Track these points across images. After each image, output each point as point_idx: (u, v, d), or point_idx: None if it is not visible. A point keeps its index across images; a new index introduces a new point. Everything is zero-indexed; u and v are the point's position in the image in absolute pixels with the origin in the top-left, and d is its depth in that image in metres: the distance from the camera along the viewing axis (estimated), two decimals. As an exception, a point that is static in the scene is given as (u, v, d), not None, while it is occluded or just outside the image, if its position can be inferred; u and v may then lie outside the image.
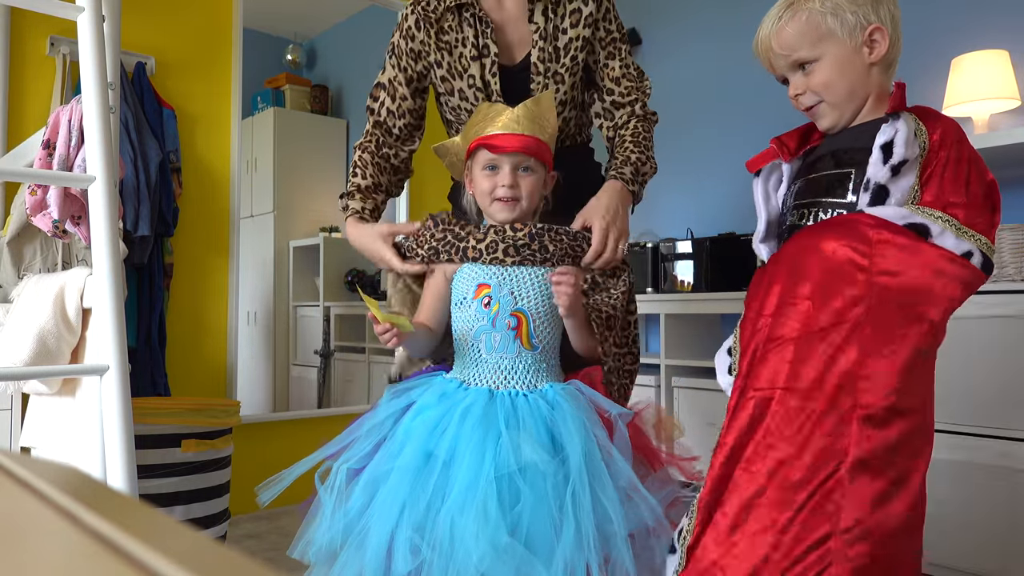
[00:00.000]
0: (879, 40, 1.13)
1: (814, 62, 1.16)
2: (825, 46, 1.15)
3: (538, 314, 1.31)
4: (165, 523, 0.28)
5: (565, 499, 1.11)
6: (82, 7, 1.33)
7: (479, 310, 1.31)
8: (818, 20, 1.14)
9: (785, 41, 1.18)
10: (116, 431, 1.27)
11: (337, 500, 1.22)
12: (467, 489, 1.11)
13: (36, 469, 0.35)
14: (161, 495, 1.94)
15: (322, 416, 3.15)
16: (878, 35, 1.13)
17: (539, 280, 1.32)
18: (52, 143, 1.69)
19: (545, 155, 1.34)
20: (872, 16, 1.13)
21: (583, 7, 1.50)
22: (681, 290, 2.93)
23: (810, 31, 1.15)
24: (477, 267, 1.34)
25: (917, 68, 2.64)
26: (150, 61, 2.59)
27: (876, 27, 1.12)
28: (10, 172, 1.85)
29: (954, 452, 2.10)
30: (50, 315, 1.62)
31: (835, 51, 1.14)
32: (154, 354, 2.46)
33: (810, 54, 1.16)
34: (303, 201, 3.94)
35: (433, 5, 1.51)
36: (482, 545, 1.05)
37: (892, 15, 1.14)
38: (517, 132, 1.30)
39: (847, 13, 1.13)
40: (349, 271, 3.91)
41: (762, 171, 1.29)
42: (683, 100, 3.35)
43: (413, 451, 1.19)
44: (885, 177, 1.08)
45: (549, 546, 1.08)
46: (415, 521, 1.12)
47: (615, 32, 1.55)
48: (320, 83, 3.97)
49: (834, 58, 1.15)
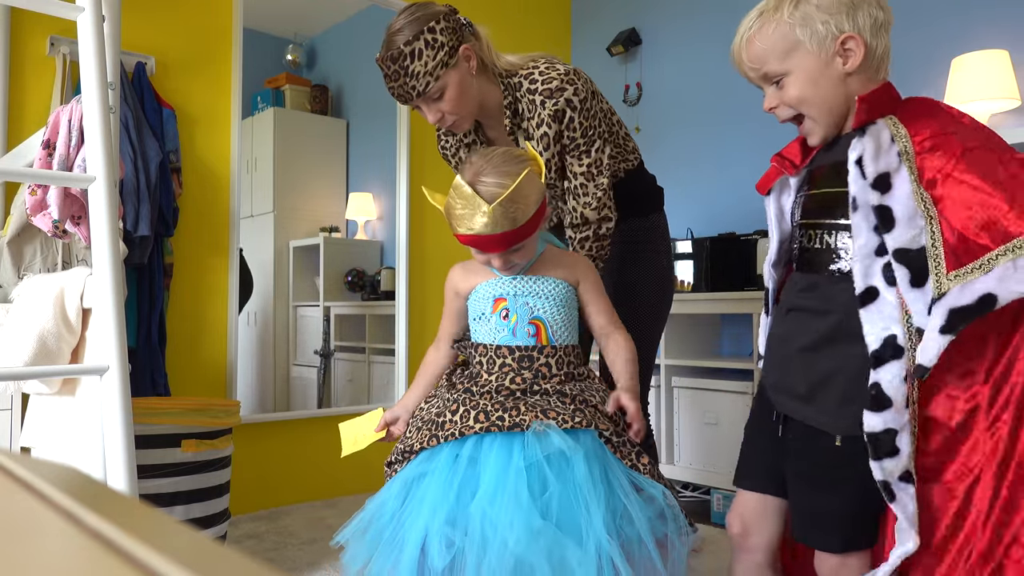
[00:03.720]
0: (853, 49, 1.07)
1: (785, 76, 1.10)
2: (795, 59, 1.09)
3: (555, 321, 1.36)
4: (165, 523, 0.28)
5: (596, 484, 1.16)
6: (82, 7, 1.33)
7: (499, 323, 1.36)
8: (786, 32, 1.08)
9: (754, 54, 1.12)
10: (116, 431, 1.27)
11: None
12: (496, 479, 1.16)
13: (36, 469, 0.35)
14: (161, 495, 1.94)
15: (322, 416, 3.15)
16: (852, 44, 1.06)
17: (552, 292, 1.36)
18: (52, 143, 1.69)
19: (529, 231, 1.31)
20: (845, 24, 1.06)
21: (548, 130, 1.59)
22: (681, 290, 2.92)
23: (778, 44, 1.09)
24: (491, 283, 1.38)
25: (917, 68, 2.64)
26: (150, 61, 2.59)
27: (848, 36, 1.06)
28: (10, 172, 1.85)
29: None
30: (50, 315, 1.62)
31: (805, 64, 1.08)
32: (154, 354, 2.46)
33: (779, 68, 1.10)
34: (303, 201, 3.94)
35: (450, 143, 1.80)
36: (517, 530, 1.09)
37: (873, 18, 1.07)
38: (496, 232, 1.27)
39: (817, 23, 1.06)
40: (349, 271, 3.91)
41: (772, 190, 1.26)
42: (683, 100, 3.35)
43: (445, 455, 1.25)
44: (875, 197, 1.03)
45: (579, 529, 1.12)
46: (447, 515, 1.16)
47: (578, 139, 1.61)
48: (320, 83, 3.97)
49: (804, 71, 1.09)
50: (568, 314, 1.37)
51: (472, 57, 1.57)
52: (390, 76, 1.53)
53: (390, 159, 3.44)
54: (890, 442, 1.01)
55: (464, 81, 1.56)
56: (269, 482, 2.82)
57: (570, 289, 1.39)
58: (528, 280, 1.37)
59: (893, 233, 1.01)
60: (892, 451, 1.01)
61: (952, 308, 0.95)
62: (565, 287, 1.38)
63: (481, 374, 1.36)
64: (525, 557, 1.08)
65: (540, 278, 1.37)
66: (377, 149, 3.76)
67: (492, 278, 1.39)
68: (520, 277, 1.37)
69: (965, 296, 0.94)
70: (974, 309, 0.94)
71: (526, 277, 1.37)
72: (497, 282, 1.37)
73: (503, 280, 1.37)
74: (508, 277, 1.37)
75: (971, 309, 0.94)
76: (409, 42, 1.49)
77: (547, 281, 1.36)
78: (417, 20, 1.50)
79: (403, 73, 1.50)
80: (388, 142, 3.45)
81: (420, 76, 1.50)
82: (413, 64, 1.50)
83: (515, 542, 1.08)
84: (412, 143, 3.36)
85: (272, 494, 2.83)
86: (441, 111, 1.57)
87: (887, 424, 1.01)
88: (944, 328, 0.96)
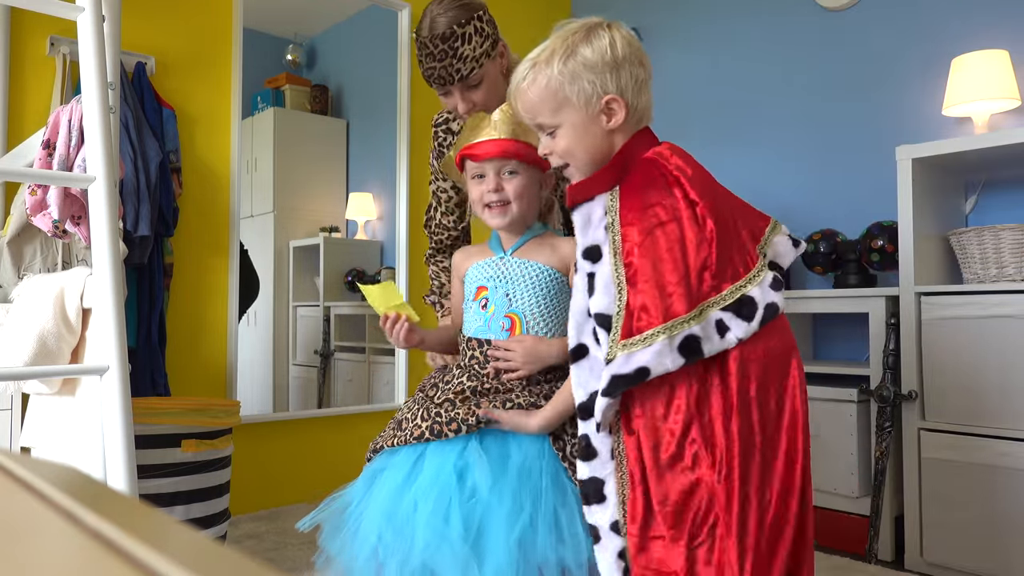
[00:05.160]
0: (616, 109, 1.11)
1: (556, 128, 1.14)
2: (564, 114, 1.12)
3: (532, 315, 1.31)
4: (165, 523, 0.28)
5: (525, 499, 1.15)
6: (82, 7, 1.33)
7: (477, 312, 1.34)
8: (556, 87, 1.11)
9: (527, 105, 1.15)
10: (116, 431, 1.27)
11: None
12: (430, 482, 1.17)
13: (36, 469, 0.35)
14: (161, 495, 1.94)
15: (322, 416, 3.15)
16: (615, 104, 1.10)
17: (534, 280, 1.32)
18: (52, 143, 1.69)
19: (530, 156, 1.31)
20: (610, 85, 1.10)
21: None
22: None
23: (549, 98, 1.12)
24: (480, 267, 1.36)
25: (917, 68, 2.64)
26: (150, 61, 2.59)
27: (612, 98, 1.10)
28: (10, 172, 1.85)
29: (954, 452, 2.10)
30: (50, 315, 1.62)
31: (573, 119, 1.12)
32: (154, 354, 2.46)
33: (551, 121, 1.14)
34: (303, 201, 3.94)
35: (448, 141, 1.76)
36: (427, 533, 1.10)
37: (635, 78, 1.12)
38: (495, 138, 1.30)
39: (584, 82, 1.10)
40: (349, 271, 3.91)
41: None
42: (683, 100, 3.35)
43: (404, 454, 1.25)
44: (587, 265, 1.10)
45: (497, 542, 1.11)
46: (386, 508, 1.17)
47: None
48: (320, 83, 3.97)
49: (572, 127, 1.12)
50: (549, 305, 1.31)
51: (505, 55, 1.60)
52: (436, 55, 1.50)
53: (390, 159, 3.44)
54: (598, 490, 1.08)
55: (498, 76, 1.58)
56: (269, 482, 2.82)
57: (556, 276, 1.32)
58: (512, 263, 1.33)
59: (594, 299, 1.07)
60: (600, 499, 1.08)
61: (614, 374, 1.01)
62: (550, 273, 1.32)
63: (452, 369, 1.36)
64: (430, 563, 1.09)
65: (526, 262, 1.33)
66: (377, 149, 3.76)
67: (484, 258, 1.37)
68: (506, 258, 1.34)
69: (627, 365, 1.00)
70: (632, 378, 1.00)
71: (512, 259, 1.34)
72: (485, 264, 1.35)
73: (489, 262, 1.35)
74: (492, 259, 1.35)
75: (629, 378, 1.00)
76: (462, 24, 1.49)
77: (532, 266, 1.32)
78: (465, 7, 1.51)
79: (451, 54, 1.49)
80: (388, 142, 3.45)
81: (468, 60, 1.50)
82: (463, 47, 1.49)
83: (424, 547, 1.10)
84: (412, 143, 3.36)
85: (272, 494, 2.83)
86: (473, 101, 1.55)
87: (594, 472, 1.09)
88: (605, 391, 1.02)
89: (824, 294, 2.55)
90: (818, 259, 2.68)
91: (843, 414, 2.36)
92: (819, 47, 2.91)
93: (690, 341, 0.99)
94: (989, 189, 2.49)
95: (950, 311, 2.14)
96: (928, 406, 2.18)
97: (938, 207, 2.38)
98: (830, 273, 2.73)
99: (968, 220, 2.52)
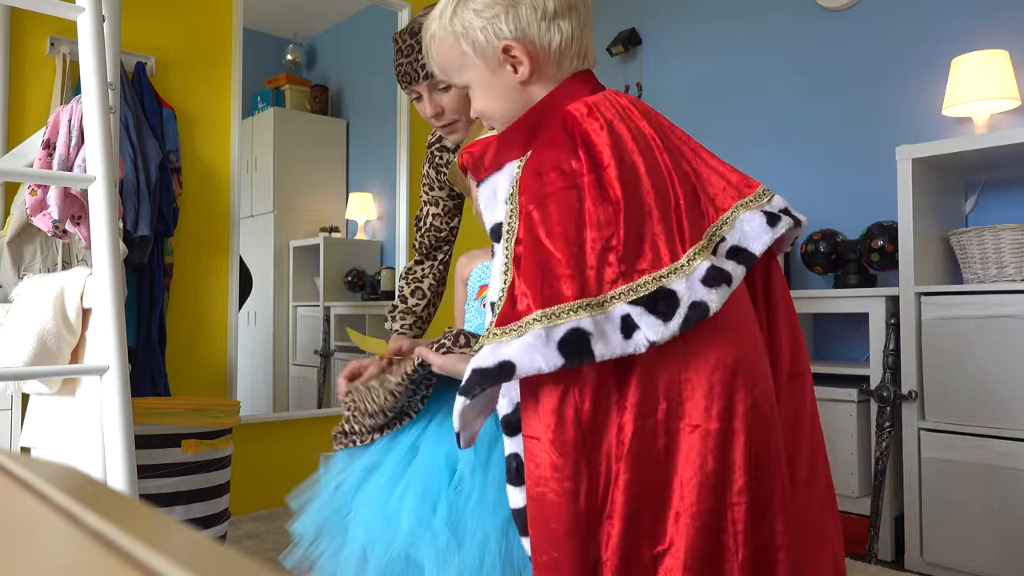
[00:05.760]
0: (519, 56, 0.92)
1: (470, 89, 0.98)
2: (468, 72, 0.96)
3: None
4: (165, 523, 0.28)
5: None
6: (82, 7, 1.33)
7: (479, 311, 1.35)
8: (452, 44, 0.95)
9: (438, 67, 1.01)
10: (116, 431, 1.27)
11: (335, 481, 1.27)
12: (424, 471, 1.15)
13: (36, 469, 0.35)
14: (161, 495, 1.94)
15: (322, 416, 3.15)
16: (515, 51, 0.91)
17: None
18: (52, 143, 1.69)
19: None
20: (504, 28, 0.91)
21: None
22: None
23: (450, 58, 0.97)
24: (485, 267, 1.37)
25: (917, 68, 2.64)
26: (150, 61, 2.59)
27: (506, 44, 0.91)
28: (10, 172, 1.85)
29: (954, 452, 2.10)
30: (50, 315, 1.62)
31: (477, 77, 0.96)
32: (154, 354, 2.46)
33: (460, 80, 0.98)
34: (303, 201, 3.94)
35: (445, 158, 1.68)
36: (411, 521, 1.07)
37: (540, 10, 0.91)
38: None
39: (476, 31, 0.92)
40: (349, 271, 3.91)
41: None
42: (683, 100, 3.35)
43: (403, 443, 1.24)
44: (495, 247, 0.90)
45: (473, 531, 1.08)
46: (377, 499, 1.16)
47: None
48: (320, 83, 3.97)
49: (480, 85, 0.96)
50: None
51: None
52: (403, 51, 1.42)
53: (390, 159, 3.44)
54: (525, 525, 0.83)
55: None
56: (269, 482, 2.82)
57: None
58: None
59: (491, 286, 0.86)
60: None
61: (474, 368, 0.77)
62: None
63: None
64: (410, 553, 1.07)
65: None
66: (377, 149, 3.76)
67: (489, 260, 1.36)
68: None
69: (491, 357, 0.76)
70: (494, 374, 0.75)
71: None
72: (489, 264, 1.35)
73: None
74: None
75: (491, 373, 0.76)
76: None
77: None
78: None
79: (417, 49, 1.39)
80: (388, 142, 3.45)
81: None
82: None
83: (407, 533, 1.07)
84: (412, 143, 3.36)
85: (272, 494, 2.82)
86: (441, 106, 1.44)
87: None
88: (461, 388, 0.78)
89: (824, 294, 2.55)
90: (818, 259, 2.68)
91: (843, 414, 2.36)
92: (819, 47, 2.91)
93: (575, 336, 0.74)
94: (989, 189, 2.49)
95: (950, 311, 2.14)
96: (928, 406, 2.18)
97: (938, 207, 2.38)
98: (830, 273, 2.73)
99: (968, 220, 2.52)
